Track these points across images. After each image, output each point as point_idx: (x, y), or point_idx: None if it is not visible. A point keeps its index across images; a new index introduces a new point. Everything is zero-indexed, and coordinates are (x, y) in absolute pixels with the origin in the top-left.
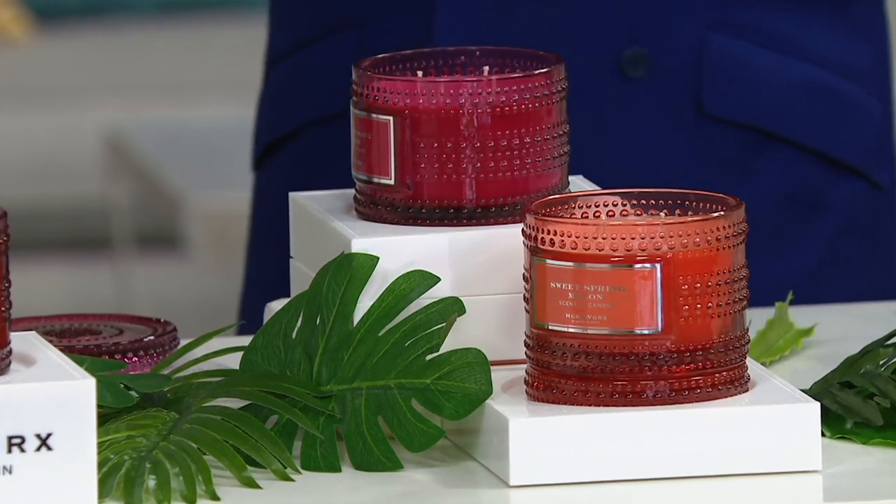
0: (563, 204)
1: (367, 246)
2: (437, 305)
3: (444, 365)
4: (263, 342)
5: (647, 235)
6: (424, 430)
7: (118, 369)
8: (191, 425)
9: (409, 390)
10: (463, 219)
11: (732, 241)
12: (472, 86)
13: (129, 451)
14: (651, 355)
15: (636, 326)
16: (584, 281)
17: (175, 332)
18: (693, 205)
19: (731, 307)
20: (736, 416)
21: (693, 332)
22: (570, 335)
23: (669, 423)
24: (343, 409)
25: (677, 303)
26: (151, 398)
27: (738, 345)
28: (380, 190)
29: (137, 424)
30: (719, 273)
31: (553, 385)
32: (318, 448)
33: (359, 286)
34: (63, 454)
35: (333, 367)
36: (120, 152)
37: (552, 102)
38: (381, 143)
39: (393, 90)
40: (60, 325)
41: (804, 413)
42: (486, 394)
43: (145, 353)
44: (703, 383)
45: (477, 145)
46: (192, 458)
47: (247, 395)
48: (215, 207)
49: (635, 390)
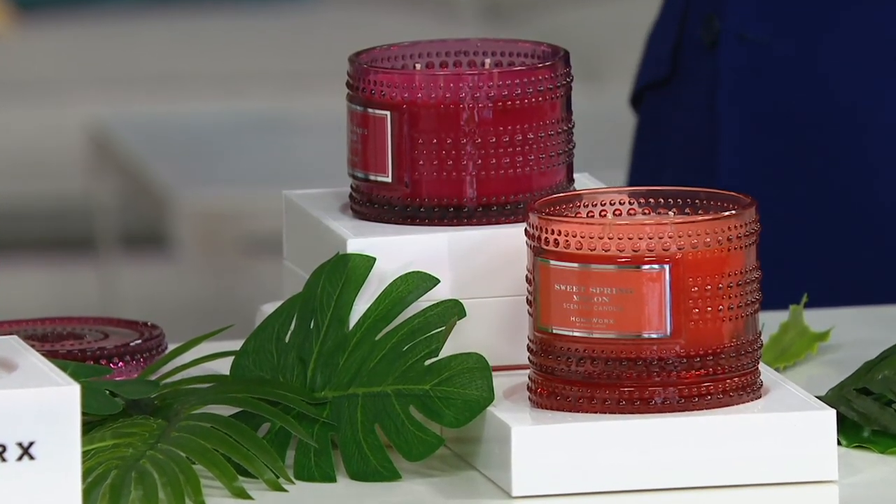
0: (568, 202)
1: (363, 246)
2: (437, 308)
3: (443, 370)
4: (255, 346)
5: (656, 235)
6: (423, 439)
7: (103, 375)
8: (179, 433)
9: (406, 397)
10: (463, 218)
11: (745, 241)
12: (472, 79)
13: (114, 460)
14: (659, 360)
15: (644, 330)
16: (590, 283)
17: (162, 335)
18: (703, 203)
19: (742, 310)
20: (748, 423)
21: (703, 336)
22: (575, 339)
23: (678, 432)
24: (338, 417)
25: (687, 305)
26: (138, 405)
27: (751, 349)
28: (377, 188)
29: (123, 433)
30: (731, 274)
31: (557, 391)
32: (312, 457)
33: (355, 288)
34: (46, 464)
35: (328, 372)
36: (104, 148)
37: (556, 96)
38: (377, 138)
39: (390, 83)
40: (43, 328)
41: (819, 421)
42: (488, 400)
43: (132, 358)
44: (713, 390)
45: (478, 141)
46: (181, 468)
47: (238, 402)
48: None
49: (643, 397)
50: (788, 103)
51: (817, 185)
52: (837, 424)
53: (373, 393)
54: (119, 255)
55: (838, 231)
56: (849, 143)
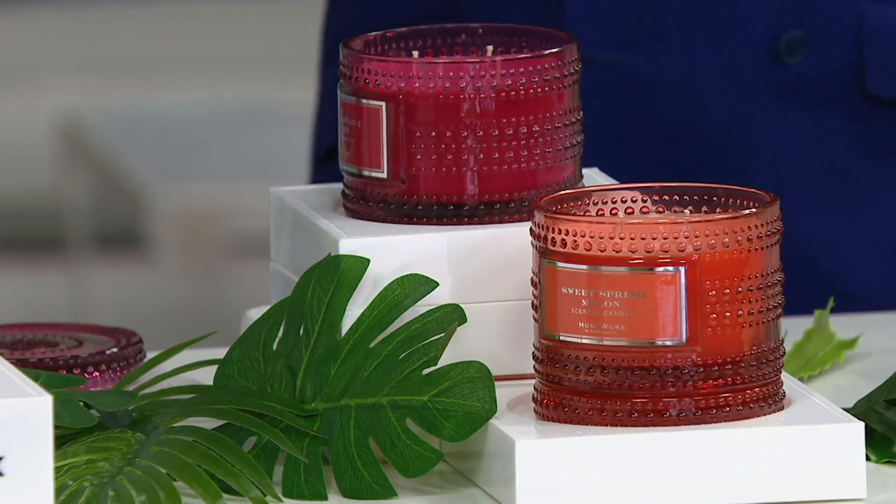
0: (576, 200)
1: (356, 247)
2: (435, 314)
3: (442, 380)
4: (240, 355)
5: (671, 235)
6: (421, 453)
7: (77, 385)
8: (159, 448)
9: (403, 409)
10: (464, 216)
11: (766, 241)
12: (474, 67)
13: (89, 476)
14: (674, 369)
15: (658, 337)
16: (600, 286)
17: (141, 343)
18: (721, 201)
19: (764, 315)
20: (770, 437)
21: (722, 343)
22: (584, 347)
23: (695, 446)
24: (330, 430)
25: (704, 311)
26: (115, 418)
27: (773, 358)
28: (371, 184)
29: (99, 447)
30: (751, 277)
31: (565, 403)
32: (301, 473)
33: (347, 292)
34: (16, 480)
35: (319, 382)
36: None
37: (564, 86)
38: (372, 131)
39: (385, 72)
40: (12, 335)
41: (847, 434)
42: (490, 412)
43: (107, 368)
44: (732, 401)
45: (480, 134)
46: (161, 485)
47: (222, 415)
48: (185, 204)
49: (657, 408)
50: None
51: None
52: (866, 438)
53: (367, 404)
54: (92, 257)
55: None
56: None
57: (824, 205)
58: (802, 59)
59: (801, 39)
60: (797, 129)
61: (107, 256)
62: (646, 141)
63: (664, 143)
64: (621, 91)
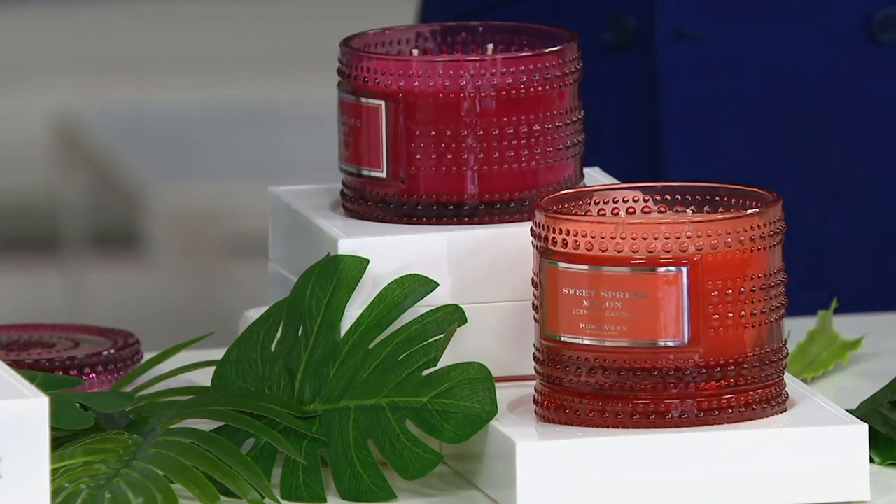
0: (578, 199)
1: (355, 247)
2: (435, 314)
3: (442, 381)
4: (238, 356)
5: (672, 235)
6: (420, 455)
7: (74, 387)
8: (156, 450)
9: (403, 410)
10: (464, 216)
11: (769, 241)
12: (474, 66)
13: (86, 478)
14: (677, 371)
15: (660, 338)
16: (601, 286)
17: (138, 344)
18: (724, 200)
19: (766, 316)
20: (773, 439)
21: (724, 344)
22: (585, 348)
23: (697, 448)
24: (329, 432)
25: (706, 311)
26: (111, 419)
27: (776, 359)
28: (370, 184)
29: (96, 449)
30: (754, 278)
31: (566, 404)
32: (300, 475)
33: (346, 292)
34: (12, 482)
35: (318, 383)
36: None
37: (565, 85)
38: (371, 130)
39: (385, 71)
40: (8, 336)
41: (850, 436)
42: (490, 414)
43: (104, 369)
44: (735, 402)
45: (480, 133)
46: (158, 488)
47: (220, 416)
48: (182, 204)
49: (659, 410)
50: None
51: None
52: (870, 440)
53: (366, 406)
54: (89, 257)
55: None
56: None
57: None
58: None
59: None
60: (891, 107)
61: (104, 256)
62: (734, 121)
63: (753, 120)
64: (714, 69)
